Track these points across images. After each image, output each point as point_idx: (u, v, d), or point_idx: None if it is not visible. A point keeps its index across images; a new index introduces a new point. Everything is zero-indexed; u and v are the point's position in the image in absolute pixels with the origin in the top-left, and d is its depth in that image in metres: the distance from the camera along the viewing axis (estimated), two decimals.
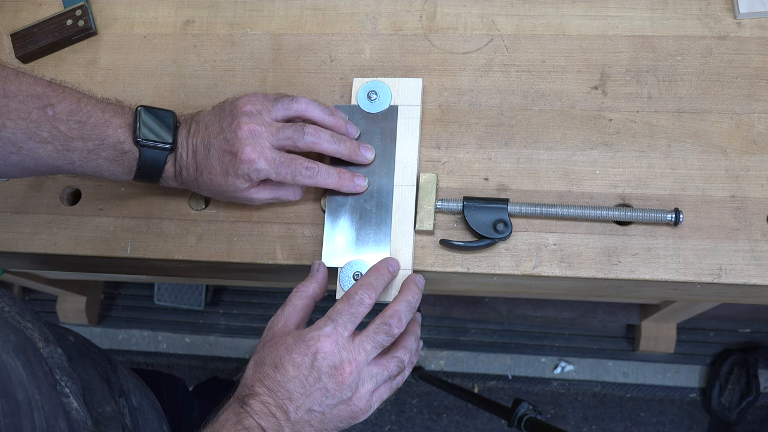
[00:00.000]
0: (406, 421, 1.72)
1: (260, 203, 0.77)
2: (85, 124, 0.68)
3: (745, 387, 1.63)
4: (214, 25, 0.87)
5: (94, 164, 0.70)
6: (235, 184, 0.72)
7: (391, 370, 0.68)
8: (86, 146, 0.69)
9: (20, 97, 0.66)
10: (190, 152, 0.72)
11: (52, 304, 1.85)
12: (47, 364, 0.65)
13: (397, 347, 0.69)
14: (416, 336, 0.72)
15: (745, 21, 0.79)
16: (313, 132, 0.72)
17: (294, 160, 0.71)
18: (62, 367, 0.67)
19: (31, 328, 0.67)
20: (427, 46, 0.83)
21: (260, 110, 0.72)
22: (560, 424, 1.69)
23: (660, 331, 1.66)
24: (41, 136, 0.67)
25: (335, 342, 0.64)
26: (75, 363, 0.75)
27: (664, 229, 0.74)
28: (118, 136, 0.70)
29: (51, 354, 0.67)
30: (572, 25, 0.81)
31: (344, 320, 0.65)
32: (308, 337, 0.65)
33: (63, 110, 0.68)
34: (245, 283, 1.75)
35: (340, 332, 0.65)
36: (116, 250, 0.80)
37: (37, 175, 0.73)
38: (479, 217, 0.74)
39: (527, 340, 1.75)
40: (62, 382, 0.65)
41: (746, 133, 0.76)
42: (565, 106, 0.79)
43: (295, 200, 0.77)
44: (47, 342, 0.67)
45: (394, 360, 0.68)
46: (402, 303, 0.68)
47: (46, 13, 0.89)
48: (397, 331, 0.66)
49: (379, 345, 0.66)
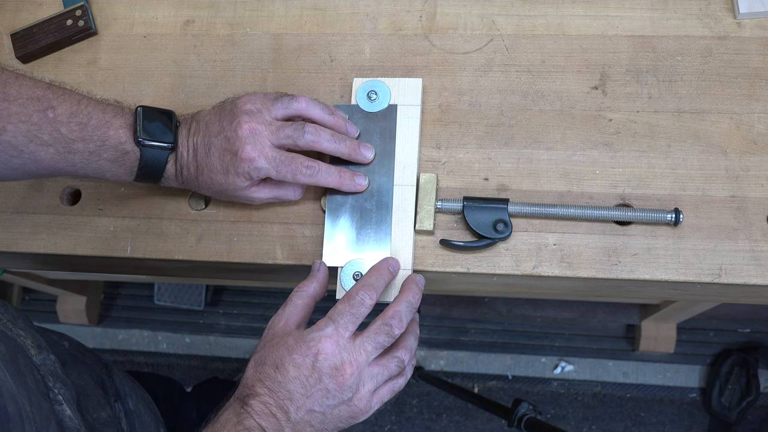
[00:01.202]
0: (406, 421, 1.72)
1: (260, 202, 0.77)
2: (86, 125, 0.68)
3: (745, 387, 1.63)
4: (214, 25, 0.87)
5: (96, 165, 0.70)
6: (235, 182, 0.72)
7: (392, 370, 0.68)
8: (87, 148, 0.69)
9: (20, 101, 0.66)
10: (191, 151, 0.72)
11: (52, 304, 1.85)
12: (39, 371, 0.65)
13: (397, 347, 0.69)
14: (416, 335, 0.72)
15: (745, 21, 0.79)
16: (313, 131, 0.72)
17: (294, 159, 0.71)
18: (55, 374, 0.66)
19: (23, 335, 0.66)
20: (427, 46, 0.83)
21: (260, 109, 0.72)
22: (560, 424, 1.69)
23: (660, 331, 1.66)
24: (42, 138, 0.67)
25: (336, 343, 0.64)
26: (69, 369, 0.75)
27: (664, 229, 0.74)
28: (119, 136, 0.70)
29: (44, 361, 0.66)
30: (572, 25, 0.81)
31: (345, 321, 0.65)
32: (309, 337, 0.65)
33: (64, 112, 0.67)
34: (245, 283, 1.75)
35: (341, 333, 0.65)
36: (116, 250, 0.80)
37: (38, 177, 0.73)
38: (479, 217, 0.74)
39: (527, 340, 1.75)
40: (55, 390, 0.65)
41: (746, 133, 0.76)
42: (565, 106, 0.79)
43: (295, 200, 0.77)
44: (40, 349, 0.67)
45: (394, 360, 0.68)
46: (402, 303, 0.68)
47: (46, 13, 0.89)
48: (398, 331, 0.66)
49: (380, 346, 0.66)
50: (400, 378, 0.70)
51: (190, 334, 1.85)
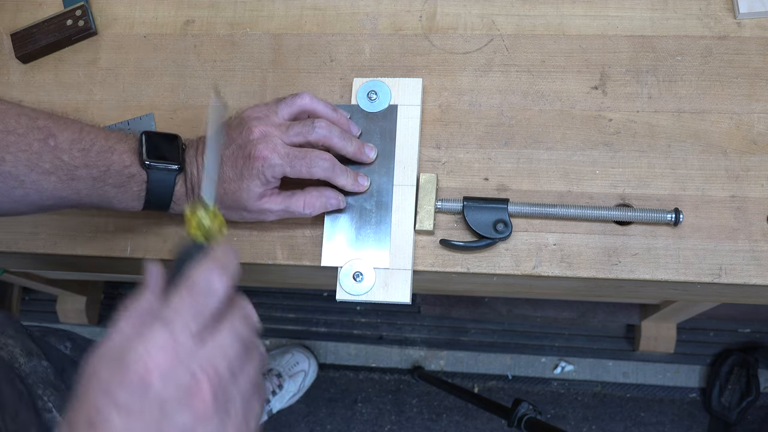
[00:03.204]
0: (406, 421, 1.72)
1: (272, 217, 0.73)
2: (88, 151, 0.66)
3: (745, 387, 1.63)
4: (214, 25, 0.87)
5: (101, 192, 0.68)
6: (249, 187, 0.69)
7: (257, 368, 0.47)
8: (91, 174, 0.67)
9: (20, 131, 0.64)
10: (201, 168, 0.70)
11: (52, 304, 1.85)
12: (25, 381, 0.63)
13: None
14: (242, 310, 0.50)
15: (745, 21, 0.79)
16: (325, 125, 0.70)
17: (308, 152, 0.69)
18: (46, 381, 0.65)
19: (12, 344, 0.66)
20: (427, 46, 0.83)
21: (267, 114, 0.71)
22: (560, 424, 1.69)
23: (660, 331, 1.66)
24: (43, 167, 0.65)
25: (174, 352, 0.42)
26: (68, 374, 0.74)
27: (664, 229, 0.74)
28: (123, 160, 0.68)
29: (34, 368, 0.65)
30: (572, 25, 0.81)
31: (183, 319, 0.44)
32: (131, 355, 0.42)
33: (65, 140, 0.66)
34: (245, 282, 1.75)
35: (179, 337, 0.43)
36: (116, 250, 0.80)
37: (42, 210, 0.70)
38: (479, 217, 0.74)
39: (527, 340, 1.75)
40: (44, 397, 0.64)
41: (746, 133, 0.76)
42: (565, 106, 0.79)
43: (306, 214, 0.73)
44: (30, 356, 0.66)
45: (254, 352, 0.47)
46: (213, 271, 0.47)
47: (46, 13, 0.89)
48: (251, 310, 0.48)
49: (238, 339, 0.46)
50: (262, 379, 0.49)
51: None
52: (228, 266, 0.47)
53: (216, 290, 0.45)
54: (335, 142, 0.72)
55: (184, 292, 0.45)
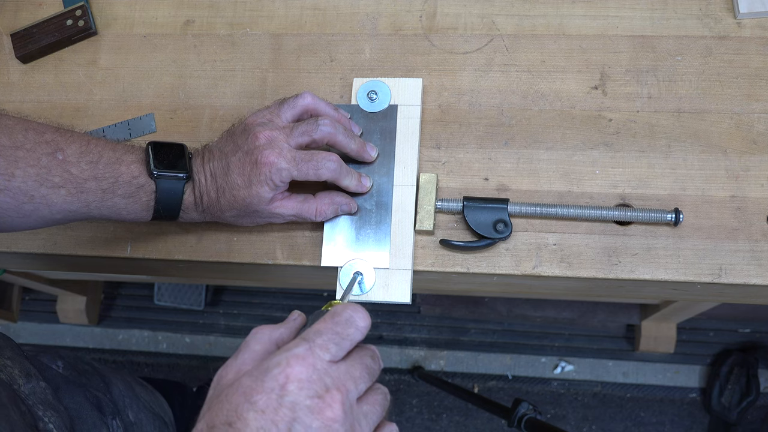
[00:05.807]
0: (406, 421, 1.72)
1: (283, 220, 0.74)
2: (96, 163, 0.67)
3: (745, 387, 1.63)
4: (214, 25, 0.87)
5: (111, 203, 0.68)
6: (259, 193, 0.69)
7: (383, 409, 0.50)
8: (100, 186, 0.67)
9: (28, 146, 0.64)
10: (209, 176, 0.71)
11: (52, 304, 1.85)
12: (25, 402, 0.63)
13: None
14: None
15: (745, 21, 0.79)
16: (329, 122, 0.70)
17: (315, 154, 0.69)
18: (46, 402, 0.65)
19: (10, 365, 0.65)
20: (427, 46, 0.83)
21: (270, 118, 0.71)
22: (560, 424, 1.69)
23: (660, 331, 1.66)
24: (53, 181, 0.65)
25: (312, 366, 0.46)
26: (62, 393, 0.74)
27: (664, 229, 0.74)
28: (131, 171, 0.68)
29: (33, 389, 0.65)
30: (572, 25, 0.81)
31: (324, 341, 0.47)
32: (273, 362, 0.46)
33: (73, 153, 0.66)
34: (245, 283, 1.75)
35: (318, 354, 0.47)
36: (116, 250, 0.80)
37: (52, 224, 0.70)
38: (479, 217, 0.74)
39: (527, 340, 1.75)
40: (45, 419, 0.63)
41: (746, 133, 0.76)
42: (565, 106, 0.79)
43: (315, 220, 0.74)
44: (29, 377, 0.65)
45: (380, 394, 0.50)
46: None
47: (46, 13, 0.89)
48: (378, 360, 0.51)
49: (367, 371, 0.49)
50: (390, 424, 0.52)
51: (190, 334, 1.85)
52: (367, 314, 0.50)
53: (356, 323, 0.49)
54: (340, 139, 0.72)
55: (328, 318, 0.49)
